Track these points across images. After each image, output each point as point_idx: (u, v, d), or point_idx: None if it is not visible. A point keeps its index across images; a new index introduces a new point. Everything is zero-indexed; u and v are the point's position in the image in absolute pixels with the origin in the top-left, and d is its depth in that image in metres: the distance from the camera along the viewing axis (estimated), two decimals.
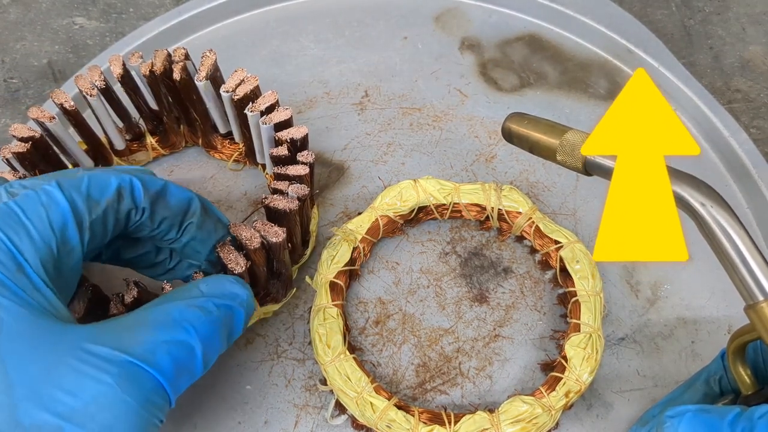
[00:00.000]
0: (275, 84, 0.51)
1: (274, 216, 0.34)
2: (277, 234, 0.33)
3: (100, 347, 0.24)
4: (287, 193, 0.35)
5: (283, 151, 0.36)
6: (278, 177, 0.36)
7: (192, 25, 0.54)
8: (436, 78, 0.52)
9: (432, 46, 0.54)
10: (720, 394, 0.32)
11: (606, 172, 0.31)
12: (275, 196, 0.34)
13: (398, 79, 0.52)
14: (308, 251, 0.42)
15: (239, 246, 0.33)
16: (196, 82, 0.39)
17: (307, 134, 0.37)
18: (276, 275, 0.37)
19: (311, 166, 0.36)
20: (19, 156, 0.35)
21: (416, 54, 0.54)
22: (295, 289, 0.41)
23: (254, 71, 0.39)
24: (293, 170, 0.36)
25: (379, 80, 0.52)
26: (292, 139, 0.36)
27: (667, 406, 0.30)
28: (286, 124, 0.37)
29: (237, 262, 0.33)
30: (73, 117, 0.39)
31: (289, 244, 0.37)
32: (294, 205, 0.34)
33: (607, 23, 0.54)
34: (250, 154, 0.44)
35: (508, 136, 0.37)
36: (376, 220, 0.42)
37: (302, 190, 0.35)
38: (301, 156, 0.36)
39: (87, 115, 0.41)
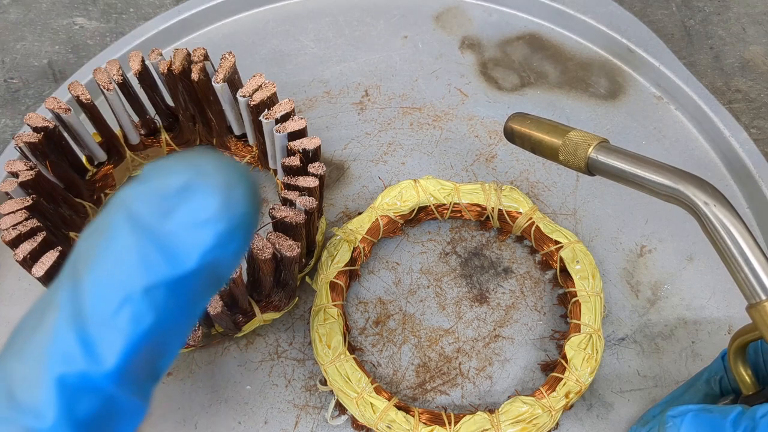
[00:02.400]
0: (275, 83, 0.50)
1: (281, 227, 0.34)
2: (291, 248, 0.33)
3: None
4: (295, 204, 0.35)
5: (295, 161, 0.36)
6: (288, 187, 0.36)
7: (192, 24, 0.54)
8: (437, 77, 0.52)
9: (432, 45, 0.54)
10: (720, 394, 0.32)
11: (609, 172, 0.31)
12: (282, 207, 0.34)
13: (398, 79, 0.52)
14: (312, 261, 0.41)
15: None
16: (213, 83, 0.39)
17: (319, 145, 0.37)
18: (282, 285, 0.37)
19: (321, 178, 0.36)
20: (30, 146, 0.35)
21: (416, 53, 0.54)
22: (297, 298, 0.41)
23: (254, 70, 0.39)
24: (303, 182, 0.35)
25: (379, 80, 0.52)
26: (304, 150, 0.36)
27: (668, 407, 0.30)
28: (300, 134, 0.37)
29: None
30: (89, 110, 0.39)
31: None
32: (301, 218, 0.34)
33: (607, 23, 0.54)
34: (262, 158, 0.44)
35: (511, 136, 0.37)
36: (377, 220, 0.41)
37: (310, 203, 0.34)
38: (312, 168, 0.36)
39: (98, 103, 0.41)
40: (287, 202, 0.35)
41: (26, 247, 0.32)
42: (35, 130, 0.36)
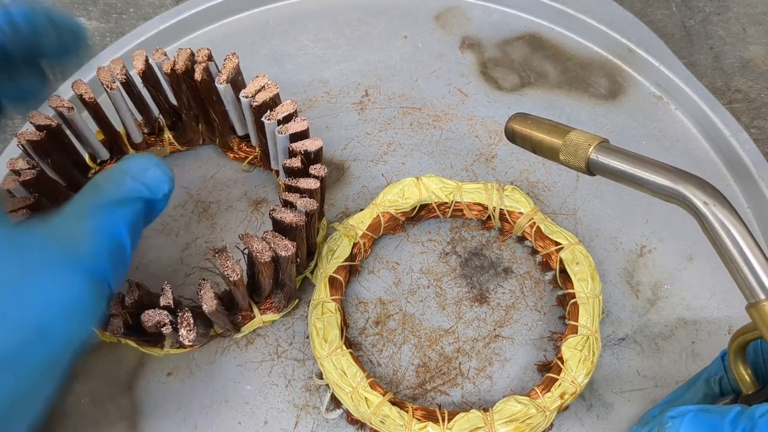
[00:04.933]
0: (278, 85, 0.50)
1: (281, 228, 0.34)
2: (286, 248, 0.33)
3: (57, 261, 0.24)
4: (296, 206, 0.35)
5: (296, 162, 0.36)
6: (289, 189, 0.36)
7: (192, 24, 0.54)
8: (437, 77, 0.52)
9: (432, 45, 0.54)
10: (720, 394, 0.32)
11: (609, 172, 0.31)
12: (283, 208, 0.34)
13: (398, 79, 0.52)
14: (313, 263, 0.41)
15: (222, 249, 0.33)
16: (216, 84, 0.39)
17: (321, 147, 0.37)
18: (280, 286, 0.37)
19: (322, 180, 0.36)
20: (33, 143, 0.35)
21: (416, 53, 0.54)
22: (297, 300, 0.41)
23: (254, 70, 0.39)
24: (304, 183, 0.35)
25: (379, 79, 0.52)
26: (305, 151, 0.36)
27: (668, 407, 0.30)
28: (302, 135, 0.37)
29: (233, 269, 0.32)
30: (92, 109, 0.39)
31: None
32: (301, 219, 0.34)
33: (607, 22, 0.54)
34: (264, 159, 0.44)
35: (511, 136, 0.37)
36: (378, 216, 0.41)
37: (311, 204, 0.34)
38: (314, 169, 0.36)
39: (101, 101, 0.41)
40: (288, 205, 0.35)
41: None
42: (38, 128, 0.36)
